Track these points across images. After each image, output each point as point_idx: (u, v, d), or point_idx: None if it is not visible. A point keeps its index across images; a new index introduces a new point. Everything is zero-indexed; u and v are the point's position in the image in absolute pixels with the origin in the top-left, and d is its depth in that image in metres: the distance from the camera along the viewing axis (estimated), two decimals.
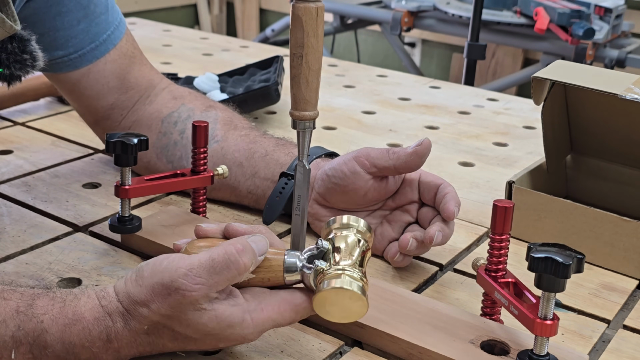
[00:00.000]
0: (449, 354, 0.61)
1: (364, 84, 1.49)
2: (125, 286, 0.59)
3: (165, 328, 0.58)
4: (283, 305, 0.60)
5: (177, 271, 0.57)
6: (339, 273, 0.60)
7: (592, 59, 2.50)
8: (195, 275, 0.56)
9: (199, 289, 0.56)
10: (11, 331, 0.56)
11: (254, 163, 0.87)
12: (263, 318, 0.59)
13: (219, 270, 0.57)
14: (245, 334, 0.59)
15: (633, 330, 0.71)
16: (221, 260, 0.57)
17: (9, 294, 0.58)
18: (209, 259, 0.57)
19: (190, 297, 0.56)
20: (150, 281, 0.57)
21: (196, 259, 0.57)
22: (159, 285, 0.57)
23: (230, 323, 0.58)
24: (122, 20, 0.95)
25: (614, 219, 0.79)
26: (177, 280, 0.56)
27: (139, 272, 0.59)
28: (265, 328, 0.60)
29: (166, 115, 0.93)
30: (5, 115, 1.20)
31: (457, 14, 2.68)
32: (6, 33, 0.75)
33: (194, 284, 0.56)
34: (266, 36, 3.23)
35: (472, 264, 0.67)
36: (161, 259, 0.59)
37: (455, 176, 1.04)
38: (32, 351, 0.56)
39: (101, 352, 0.58)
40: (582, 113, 0.91)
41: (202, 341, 0.59)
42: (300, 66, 0.65)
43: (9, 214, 0.86)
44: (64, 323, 0.57)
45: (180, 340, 0.59)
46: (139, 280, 0.58)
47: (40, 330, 0.56)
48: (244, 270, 0.58)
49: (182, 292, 0.56)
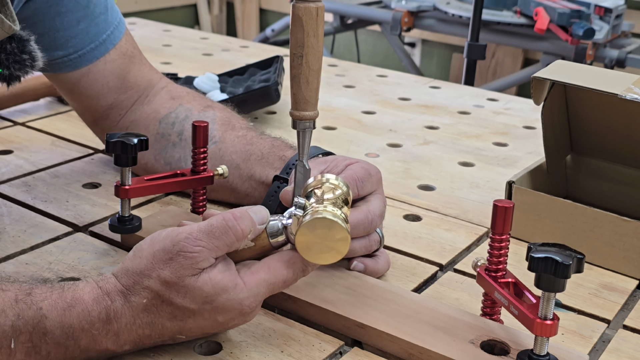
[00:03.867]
0: (449, 354, 0.61)
1: (364, 84, 1.49)
2: (123, 265, 0.61)
3: (163, 303, 0.59)
4: (272, 264, 0.62)
5: (178, 236, 0.59)
6: (316, 209, 0.62)
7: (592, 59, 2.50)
8: (195, 238, 0.58)
9: (200, 251, 0.58)
10: (11, 320, 0.56)
11: (250, 165, 0.87)
12: (256, 280, 0.61)
13: (217, 235, 0.59)
14: (241, 299, 0.60)
15: (633, 330, 0.71)
16: (219, 225, 0.59)
17: (7, 285, 0.59)
18: (207, 224, 0.59)
19: (192, 258, 0.58)
20: (151, 250, 0.59)
21: (195, 226, 0.60)
22: (161, 251, 0.59)
23: (224, 286, 0.59)
24: (122, 20, 0.95)
25: (614, 219, 0.79)
26: (178, 244, 0.58)
27: (137, 248, 0.61)
28: (260, 291, 0.61)
29: (164, 116, 0.93)
30: (5, 115, 1.20)
31: (457, 14, 2.68)
32: (5, 33, 0.75)
33: (194, 245, 0.58)
34: (266, 36, 3.24)
35: (472, 264, 0.67)
36: (159, 232, 0.61)
37: (455, 176, 1.04)
38: (32, 339, 0.56)
39: (101, 335, 0.58)
40: (582, 113, 0.91)
41: (201, 315, 0.60)
42: (301, 66, 0.65)
43: (9, 214, 0.86)
44: (62, 307, 0.58)
45: (179, 317, 0.59)
46: (137, 253, 0.60)
47: (40, 317, 0.57)
48: (242, 236, 0.60)
49: (183, 254, 0.58)
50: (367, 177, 0.73)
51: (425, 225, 0.90)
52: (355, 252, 0.73)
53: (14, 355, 0.56)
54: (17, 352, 0.56)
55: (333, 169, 0.75)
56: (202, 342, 0.64)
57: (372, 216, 0.72)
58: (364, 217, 0.71)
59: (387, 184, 0.90)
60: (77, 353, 0.58)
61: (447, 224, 0.90)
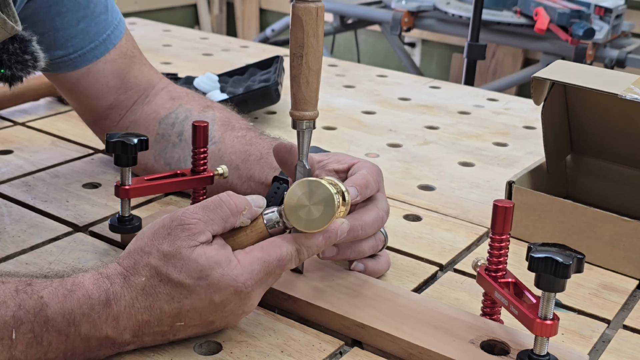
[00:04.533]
0: (449, 354, 0.61)
1: (364, 84, 1.49)
2: (125, 250, 0.63)
3: (161, 282, 0.60)
4: (266, 243, 0.63)
5: (176, 212, 0.63)
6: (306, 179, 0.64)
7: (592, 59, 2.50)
8: (192, 212, 0.62)
9: (196, 222, 0.61)
10: (12, 311, 0.56)
11: (249, 166, 0.87)
12: (250, 258, 0.62)
13: (212, 208, 0.63)
14: (235, 276, 0.60)
15: (633, 330, 0.71)
16: (214, 200, 0.63)
17: (7, 278, 0.59)
18: (204, 201, 0.64)
19: (189, 229, 0.61)
20: (151, 230, 0.63)
21: (191, 206, 0.64)
22: (160, 228, 0.62)
23: (218, 261, 0.61)
24: (122, 20, 0.95)
25: (614, 219, 0.79)
26: (177, 218, 0.62)
27: (139, 232, 0.64)
28: (254, 268, 0.61)
29: (163, 116, 0.93)
30: (5, 115, 1.20)
31: (457, 14, 2.68)
32: (7, 34, 0.75)
33: (191, 218, 0.62)
34: (266, 36, 3.24)
35: (472, 264, 0.67)
36: (157, 219, 0.64)
37: (455, 176, 1.04)
38: (34, 329, 0.57)
39: (101, 320, 0.59)
40: (582, 113, 0.91)
41: (196, 293, 0.60)
42: (300, 66, 0.65)
43: (9, 214, 0.86)
44: (63, 293, 0.58)
45: (176, 298, 0.60)
46: (138, 237, 0.63)
47: (41, 305, 0.57)
48: (236, 209, 0.63)
49: (181, 226, 0.61)
50: (374, 180, 0.74)
51: (425, 225, 0.90)
52: (363, 253, 0.73)
53: (15, 346, 0.56)
54: (18, 343, 0.56)
55: (334, 164, 0.76)
56: (202, 342, 0.64)
57: (382, 213, 0.73)
58: (376, 214, 0.72)
59: (387, 184, 0.90)
60: (77, 342, 0.58)
61: (447, 224, 0.90)
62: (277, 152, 0.75)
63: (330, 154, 0.78)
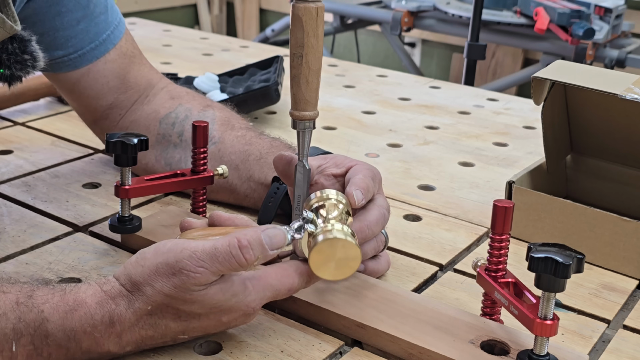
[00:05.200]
0: (449, 354, 0.61)
1: (364, 84, 1.49)
2: (125, 269, 0.60)
3: (169, 307, 0.59)
4: (279, 272, 0.62)
5: (182, 252, 0.58)
6: (328, 228, 0.62)
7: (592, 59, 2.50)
8: (199, 258, 0.58)
9: (202, 272, 0.58)
10: (12, 323, 0.56)
11: (248, 166, 0.87)
12: (263, 284, 0.61)
13: (220, 260, 0.58)
14: (248, 302, 0.60)
15: (633, 330, 0.71)
16: (224, 251, 0.58)
17: (8, 287, 0.58)
18: (212, 247, 0.58)
19: (194, 279, 0.57)
20: (154, 261, 0.59)
21: (200, 245, 0.58)
22: (163, 265, 0.58)
23: (234, 292, 0.59)
24: (122, 20, 0.95)
25: (614, 219, 0.79)
26: (181, 261, 0.57)
27: (141, 255, 0.60)
28: (265, 295, 0.61)
29: (164, 116, 0.93)
30: (5, 115, 1.20)
31: (457, 14, 2.68)
32: (7, 34, 0.75)
33: (197, 266, 0.57)
34: (266, 36, 3.23)
35: (472, 264, 0.67)
36: (164, 242, 0.60)
37: (455, 176, 1.04)
38: (34, 342, 0.56)
39: (103, 338, 0.58)
40: (582, 113, 0.91)
41: (206, 317, 0.60)
42: (300, 66, 0.65)
43: (9, 214, 0.86)
44: (64, 310, 0.57)
45: (183, 318, 0.60)
46: (140, 261, 0.59)
47: (41, 319, 0.57)
48: (245, 265, 0.59)
49: (186, 273, 0.57)
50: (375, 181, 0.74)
51: (425, 225, 0.90)
52: (365, 255, 0.73)
53: (16, 358, 0.56)
54: (18, 354, 0.56)
55: (332, 168, 0.75)
56: (202, 342, 0.64)
57: (384, 210, 0.73)
58: (379, 212, 0.72)
59: (387, 184, 0.90)
60: (78, 355, 0.58)
61: (447, 224, 0.90)
62: (277, 164, 0.74)
63: (328, 156, 0.78)
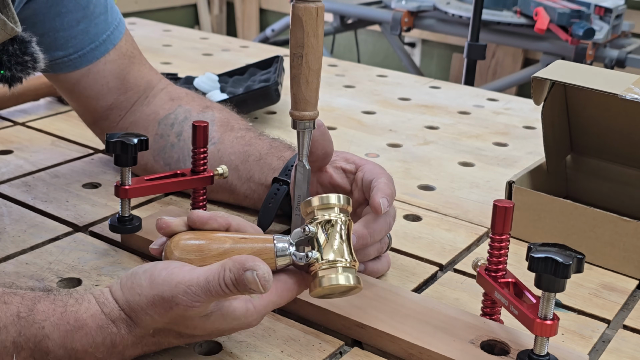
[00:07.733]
0: (449, 354, 0.61)
1: (364, 84, 1.49)
2: (123, 294, 0.59)
3: (171, 331, 0.59)
4: (280, 287, 0.62)
5: (176, 287, 0.56)
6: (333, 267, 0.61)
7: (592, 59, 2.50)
8: (194, 293, 0.56)
9: (199, 306, 0.57)
10: (12, 337, 0.56)
11: (248, 167, 0.87)
12: (264, 303, 0.61)
13: (214, 293, 0.56)
14: (250, 322, 0.60)
15: (633, 330, 0.71)
16: (216, 284, 0.56)
17: (10, 298, 0.58)
18: (204, 280, 0.56)
19: (192, 311, 0.57)
20: (150, 292, 0.57)
21: (195, 277, 0.57)
22: (159, 299, 0.57)
23: (236, 316, 0.59)
24: (122, 21, 0.95)
25: (614, 219, 0.79)
26: (177, 297, 0.56)
27: (136, 280, 0.58)
28: (266, 311, 0.61)
29: (163, 117, 0.93)
30: (5, 115, 1.20)
31: (457, 14, 2.68)
32: (7, 35, 0.75)
33: (193, 301, 0.56)
34: (266, 36, 3.23)
35: (472, 264, 0.67)
36: (159, 269, 0.58)
37: (455, 176, 1.04)
38: (34, 355, 0.56)
39: (105, 357, 0.58)
40: (582, 113, 0.91)
41: (209, 335, 0.61)
42: (300, 66, 0.65)
43: (9, 214, 0.86)
44: (65, 329, 0.57)
45: (185, 337, 0.61)
46: (137, 288, 0.58)
47: (42, 336, 0.56)
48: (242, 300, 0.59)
49: (183, 307, 0.57)
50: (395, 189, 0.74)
51: (425, 225, 0.90)
52: (369, 256, 0.73)
53: None
54: None
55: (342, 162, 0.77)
56: (202, 342, 0.64)
57: (390, 219, 0.73)
58: (384, 220, 0.72)
59: None
60: None
61: (447, 224, 0.90)
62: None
63: (336, 151, 0.78)
